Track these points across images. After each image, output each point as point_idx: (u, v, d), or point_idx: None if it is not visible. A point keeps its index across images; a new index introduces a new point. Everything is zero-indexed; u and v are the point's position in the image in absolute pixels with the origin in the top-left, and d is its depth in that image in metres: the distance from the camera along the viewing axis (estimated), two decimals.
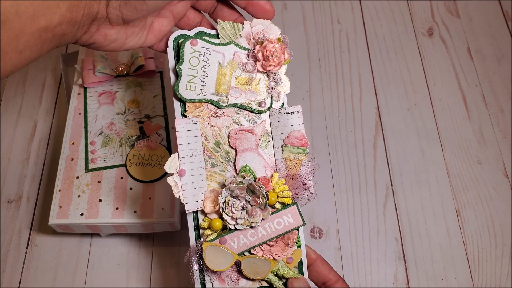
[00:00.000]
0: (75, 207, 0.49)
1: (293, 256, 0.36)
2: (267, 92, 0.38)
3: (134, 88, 0.56)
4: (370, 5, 0.73)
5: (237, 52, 0.38)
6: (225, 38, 0.38)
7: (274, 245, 0.36)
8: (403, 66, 0.68)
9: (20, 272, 0.53)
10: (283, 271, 0.35)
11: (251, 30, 0.38)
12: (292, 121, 0.38)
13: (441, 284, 0.54)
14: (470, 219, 0.58)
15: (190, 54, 0.37)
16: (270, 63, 0.37)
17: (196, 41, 0.37)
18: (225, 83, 0.37)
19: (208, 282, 0.35)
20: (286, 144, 0.38)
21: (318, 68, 0.68)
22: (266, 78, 0.38)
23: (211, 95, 0.37)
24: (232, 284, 0.35)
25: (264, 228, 0.36)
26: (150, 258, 0.54)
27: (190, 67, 0.37)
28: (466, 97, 0.66)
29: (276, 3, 0.73)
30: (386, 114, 0.65)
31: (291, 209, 0.36)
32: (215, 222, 0.35)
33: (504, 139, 0.63)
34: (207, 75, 0.37)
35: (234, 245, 0.35)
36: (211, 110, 0.37)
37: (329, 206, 0.58)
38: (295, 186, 0.37)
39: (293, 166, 0.37)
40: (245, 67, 0.38)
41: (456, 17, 0.73)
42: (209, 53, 0.37)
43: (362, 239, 0.56)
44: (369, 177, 0.60)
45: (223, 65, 0.37)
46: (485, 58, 0.69)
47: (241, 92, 0.38)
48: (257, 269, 0.35)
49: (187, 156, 0.35)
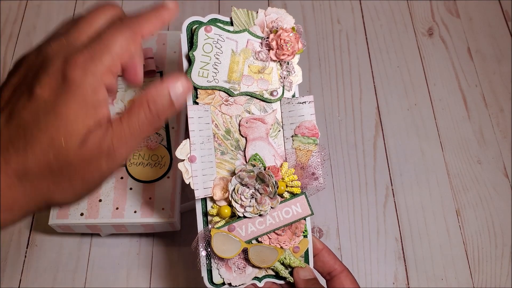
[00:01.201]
0: (75, 207, 0.49)
1: (300, 246, 0.36)
2: (279, 81, 0.38)
3: (134, 88, 0.56)
4: (370, 5, 0.73)
5: (250, 40, 0.37)
6: (239, 25, 0.37)
7: (281, 234, 0.36)
8: (403, 66, 0.68)
9: (20, 272, 0.53)
10: (290, 260, 0.36)
11: (265, 19, 0.37)
12: (304, 111, 0.37)
13: (441, 284, 0.54)
14: (470, 219, 0.58)
15: (203, 41, 0.36)
16: (284, 52, 0.36)
17: (210, 27, 0.36)
18: (238, 71, 0.37)
19: (215, 269, 0.35)
20: (297, 134, 0.37)
21: (318, 68, 0.68)
22: (279, 67, 0.38)
23: (223, 82, 0.37)
24: (239, 271, 0.35)
25: (273, 217, 0.36)
26: (150, 258, 0.54)
27: (203, 54, 0.36)
28: (466, 97, 0.66)
29: (276, 3, 0.73)
30: (386, 114, 0.65)
31: (300, 198, 0.36)
32: (223, 209, 0.35)
33: (504, 139, 0.63)
34: (220, 62, 0.37)
35: (242, 233, 0.35)
36: (222, 97, 0.37)
37: (329, 206, 0.58)
38: (304, 176, 0.37)
39: (303, 156, 0.37)
40: (259, 55, 0.37)
41: (456, 17, 0.73)
42: (222, 40, 0.37)
43: (362, 239, 0.56)
44: (369, 177, 0.60)
45: (236, 53, 0.37)
46: (485, 58, 0.69)
47: (253, 81, 0.37)
48: (264, 257, 0.35)
49: (198, 143, 0.35)
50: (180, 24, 0.70)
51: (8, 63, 0.66)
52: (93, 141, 0.24)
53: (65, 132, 0.24)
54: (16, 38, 0.68)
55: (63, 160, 0.24)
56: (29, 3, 0.72)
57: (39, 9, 0.71)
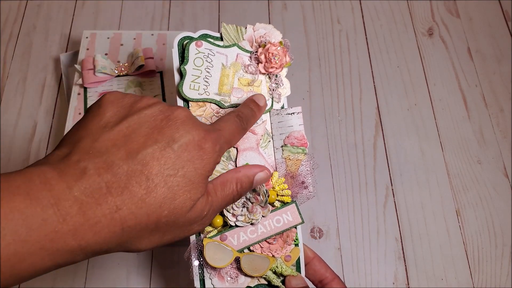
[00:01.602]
0: None
1: (291, 254, 0.37)
2: (268, 94, 0.39)
3: (134, 88, 0.56)
4: (370, 5, 0.73)
5: (240, 54, 0.39)
6: (228, 40, 0.39)
7: (273, 243, 0.36)
8: (403, 66, 0.68)
9: None
10: (282, 269, 0.36)
11: (254, 34, 0.39)
12: (292, 122, 0.39)
13: (441, 284, 0.54)
14: (470, 219, 0.58)
15: (194, 55, 0.37)
16: (272, 65, 0.38)
17: (201, 42, 0.38)
18: (228, 83, 0.38)
19: (208, 279, 0.35)
20: (286, 144, 0.38)
21: (318, 68, 0.68)
22: (267, 80, 0.39)
23: (214, 95, 0.38)
24: (231, 281, 0.35)
25: (264, 226, 0.36)
26: (150, 258, 0.54)
27: (194, 68, 0.37)
28: (466, 97, 0.66)
29: (276, 3, 0.73)
30: (386, 114, 0.65)
31: (290, 207, 0.37)
32: (215, 218, 0.35)
33: (504, 139, 0.63)
34: (210, 76, 0.38)
35: (234, 242, 0.35)
36: (213, 109, 0.38)
37: (329, 206, 0.58)
38: (294, 184, 0.37)
39: (292, 165, 0.38)
40: (248, 68, 0.39)
41: (456, 17, 0.73)
42: (213, 54, 0.38)
43: (362, 239, 0.56)
44: (369, 177, 0.60)
45: (226, 66, 0.38)
46: (485, 58, 0.69)
47: (243, 93, 0.38)
48: (256, 266, 0.35)
49: None
50: (181, 23, 0.70)
51: (8, 63, 0.66)
52: (198, 208, 0.27)
53: (185, 194, 0.25)
54: (16, 38, 0.68)
55: (173, 219, 0.25)
56: (29, 3, 0.72)
57: (39, 9, 0.71)
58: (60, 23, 0.70)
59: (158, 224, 0.25)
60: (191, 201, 0.26)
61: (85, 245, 0.23)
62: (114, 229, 0.23)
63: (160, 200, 0.24)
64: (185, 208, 0.25)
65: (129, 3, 0.71)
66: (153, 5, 0.72)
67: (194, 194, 0.26)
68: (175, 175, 0.25)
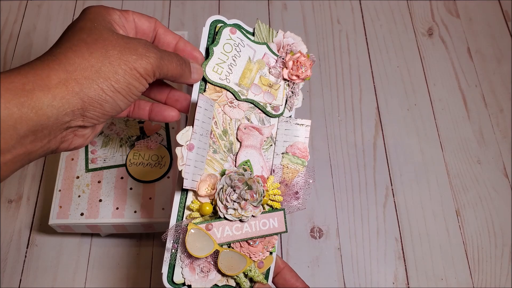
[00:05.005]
0: (75, 207, 0.49)
1: (265, 262, 0.37)
2: (283, 100, 0.40)
3: None
4: (370, 5, 0.73)
5: (267, 54, 0.40)
6: (259, 37, 0.40)
7: (254, 245, 0.36)
8: (403, 66, 0.68)
9: (20, 272, 0.53)
10: (254, 273, 0.36)
11: (283, 40, 0.41)
12: (299, 133, 0.40)
13: (441, 284, 0.54)
14: (470, 219, 0.58)
15: (226, 40, 0.39)
16: (298, 73, 0.40)
17: (235, 30, 0.39)
18: (250, 78, 0.39)
19: (178, 267, 0.35)
20: (288, 152, 0.39)
21: (318, 68, 0.68)
22: (286, 86, 0.41)
23: (234, 84, 0.38)
24: (202, 274, 0.35)
25: (250, 226, 0.36)
26: (150, 258, 0.54)
27: (222, 52, 0.38)
28: (466, 97, 0.66)
29: (276, 3, 0.73)
30: (386, 114, 0.65)
31: (279, 213, 0.37)
32: (205, 206, 0.35)
33: (504, 139, 0.63)
34: (235, 65, 0.39)
35: (218, 234, 0.35)
36: (228, 98, 0.38)
37: (329, 206, 0.58)
38: (287, 193, 0.38)
39: (289, 173, 0.39)
40: (272, 70, 0.40)
41: (456, 17, 0.73)
42: (243, 45, 0.39)
43: (362, 239, 0.56)
44: (369, 177, 0.60)
45: (252, 61, 0.40)
46: (485, 58, 0.69)
47: (261, 91, 0.39)
48: (232, 264, 0.35)
49: (198, 133, 0.35)
50: (181, 23, 0.70)
51: (8, 63, 0.66)
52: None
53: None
54: (16, 38, 0.68)
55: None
56: (29, 3, 0.72)
57: (39, 9, 0.71)
58: (60, 23, 0.70)
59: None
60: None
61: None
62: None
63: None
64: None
65: (129, 3, 0.71)
66: (153, 5, 0.72)
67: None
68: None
